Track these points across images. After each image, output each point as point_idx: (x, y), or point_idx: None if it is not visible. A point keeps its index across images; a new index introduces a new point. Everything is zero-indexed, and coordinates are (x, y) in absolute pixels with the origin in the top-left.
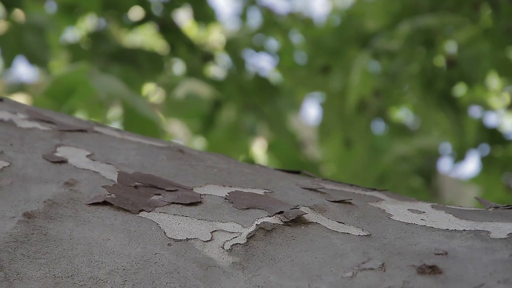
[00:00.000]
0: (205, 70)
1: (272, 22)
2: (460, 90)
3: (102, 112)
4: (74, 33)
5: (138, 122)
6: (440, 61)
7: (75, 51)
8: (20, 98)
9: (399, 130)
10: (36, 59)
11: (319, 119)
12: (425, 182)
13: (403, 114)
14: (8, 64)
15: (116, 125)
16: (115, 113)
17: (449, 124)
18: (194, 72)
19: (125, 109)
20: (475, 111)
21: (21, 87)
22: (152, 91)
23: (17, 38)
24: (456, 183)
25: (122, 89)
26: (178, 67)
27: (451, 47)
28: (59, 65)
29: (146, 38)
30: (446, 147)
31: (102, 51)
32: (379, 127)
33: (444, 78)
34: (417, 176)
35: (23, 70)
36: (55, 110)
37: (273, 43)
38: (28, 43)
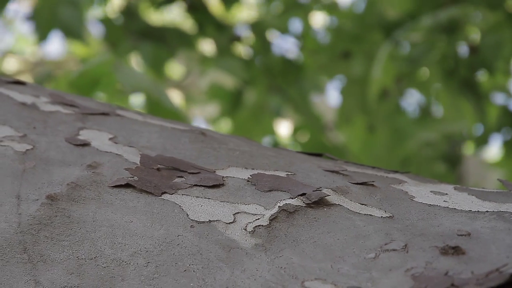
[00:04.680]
0: (233, 49)
1: (296, 5)
2: (482, 76)
3: (123, 99)
4: (106, 9)
5: (162, 113)
6: (462, 48)
7: (108, 26)
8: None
9: (422, 115)
10: (71, 32)
11: (339, 104)
12: (450, 168)
13: (424, 99)
14: (43, 37)
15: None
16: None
17: (471, 110)
18: (222, 51)
19: (148, 101)
20: (497, 97)
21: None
22: (178, 71)
23: (52, 12)
24: (481, 167)
25: (147, 81)
26: (206, 45)
27: (472, 33)
28: (92, 40)
29: (175, 17)
30: (470, 131)
31: (133, 28)
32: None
33: (466, 65)
34: (442, 161)
35: (55, 45)
36: None
37: (298, 25)
38: (63, 16)
